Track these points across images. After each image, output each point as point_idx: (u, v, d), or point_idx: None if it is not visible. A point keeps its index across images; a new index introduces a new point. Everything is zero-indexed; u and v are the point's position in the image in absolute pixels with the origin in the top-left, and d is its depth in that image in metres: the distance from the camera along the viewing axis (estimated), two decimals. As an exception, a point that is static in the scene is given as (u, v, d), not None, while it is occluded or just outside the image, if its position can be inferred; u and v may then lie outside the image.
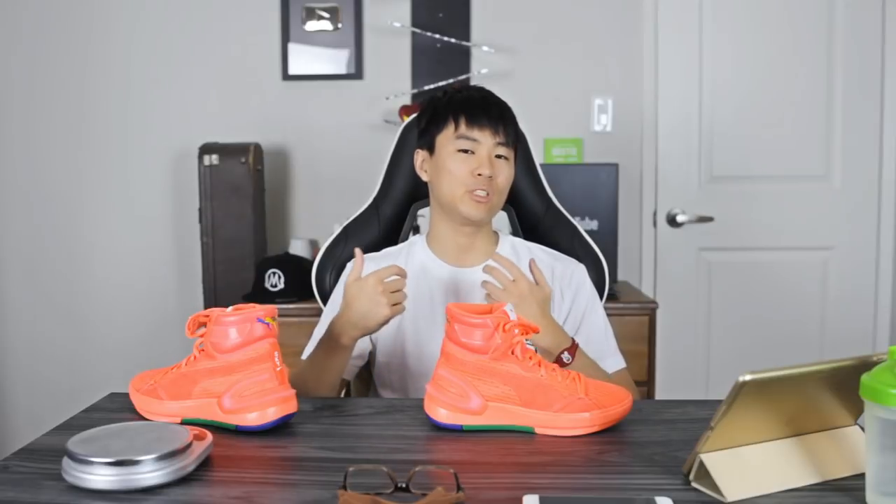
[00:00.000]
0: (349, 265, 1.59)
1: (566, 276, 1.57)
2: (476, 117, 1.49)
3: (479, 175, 1.47)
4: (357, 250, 1.44)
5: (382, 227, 1.72)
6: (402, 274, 1.38)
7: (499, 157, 1.50)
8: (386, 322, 1.36)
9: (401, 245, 1.65)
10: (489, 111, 1.50)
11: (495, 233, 1.61)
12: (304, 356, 1.55)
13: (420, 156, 1.58)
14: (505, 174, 1.51)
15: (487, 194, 1.48)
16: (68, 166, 3.07)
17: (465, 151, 1.49)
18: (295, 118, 3.02)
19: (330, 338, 1.41)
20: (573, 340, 1.43)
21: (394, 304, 1.35)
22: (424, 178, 1.58)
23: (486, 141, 1.49)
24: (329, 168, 3.03)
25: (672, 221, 3.02)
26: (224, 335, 1.13)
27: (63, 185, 3.07)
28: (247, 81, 3.02)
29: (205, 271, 2.75)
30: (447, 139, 1.51)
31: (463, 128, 1.49)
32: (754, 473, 0.91)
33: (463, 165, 1.49)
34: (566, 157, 2.94)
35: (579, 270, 1.59)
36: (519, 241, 1.63)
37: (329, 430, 1.16)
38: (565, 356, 1.40)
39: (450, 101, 1.54)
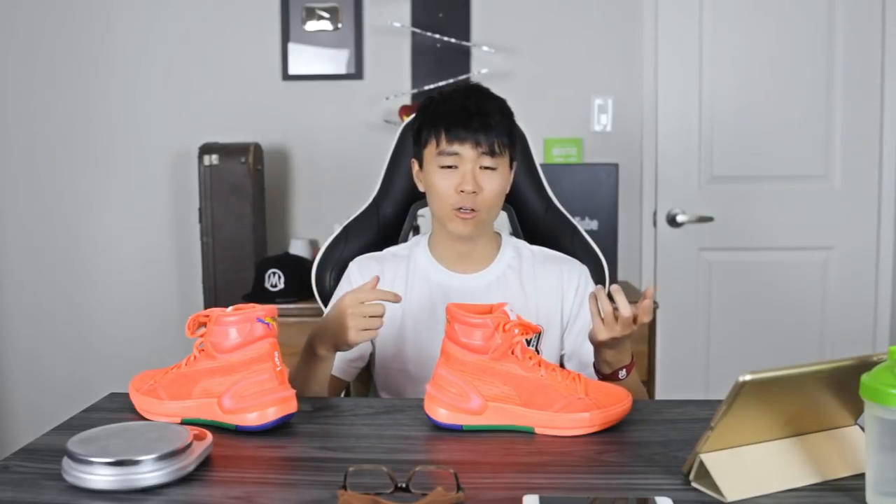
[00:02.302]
0: (352, 264, 1.59)
1: (572, 278, 1.56)
2: (455, 131, 1.44)
3: (462, 192, 1.44)
4: (376, 277, 1.36)
5: (382, 227, 1.72)
6: (395, 299, 1.31)
7: (485, 168, 1.46)
8: (354, 345, 1.32)
9: (404, 245, 1.64)
10: (469, 123, 1.44)
11: (498, 234, 1.61)
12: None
13: (415, 167, 1.56)
14: (492, 186, 1.47)
15: (473, 210, 1.46)
16: (68, 166, 3.06)
17: (449, 167, 1.46)
18: (295, 118, 3.02)
19: (308, 345, 1.39)
20: (632, 358, 1.42)
21: (364, 330, 1.29)
22: (421, 188, 1.56)
23: (467, 154, 1.45)
24: (329, 168, 3.03)
25: (672, 221, 3.02)
26: (224, 335, 1.13)
27: (63, 185, 3.07)
28: (247, 81, 3.02)
29: (205, 271, 2.75)
30: (431, 155, 1.48)
31: (444, 143, 1.45)
32: (754, 473, 0.91)
33: (446, 182, 1.46)
34: (566, 157, 2.94)
35: (584, 272, 1.59)
36: (522, 244, 1.62)
37: (329, 430, 1.16)
38: (621, 373, 1.40)
39: (434, 111, 1.49)
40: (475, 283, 1.53)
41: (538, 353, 1.41)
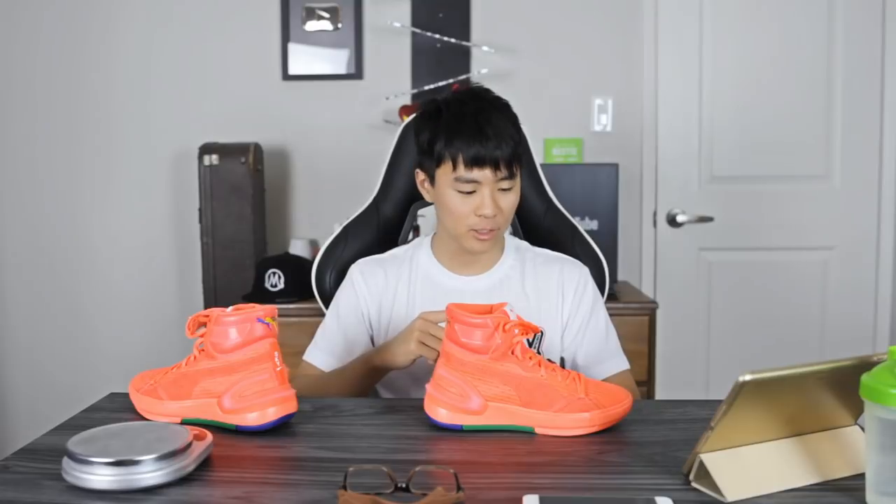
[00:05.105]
0: (353, 267, 1.58)
1: (571, 278, 1.56)
2: (474, 157, 1.40)
3: (482, 215, 1.43)
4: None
5: (382, 227, 1.72)
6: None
7: (502, 189, 1.44)
8: (411, 361, 1.37)
9: (405, 247, 1.63)
10: (486, 144, 1.40)
11: (501, 237, 1.59)
12: (306, 356, 1.55)
13: (420, 176, 1.53)
14: (509, 204, 1.46)
15: (491, 230, 1.45)
16: (68, 166, 3.07)
17: (466, 192, 1.44)
18: (295, 118, 3.02)
19: (369, 358, 1.45)
20: None
21: (425, 347, 1.34)
22: (428, 198, 1.54)
23: (486, 180, 1.42)
24: (329, 168, 3.03)
25: (672, 221, 3.02)
26: (224, 335, 1.13)
27: (63, 185, 3.07)
28: (247, 81, 3.02)
29: (205, 271, 2.75)
30: (446, 176, 1.45)
31: (461, 169, 1.42)
32: (754, 473, 0.91)
33: (464, 206, 1.44)
34: (566, 157, 2.94)
35: (584, 273, 1.58)
36: (525, 245, 1.61)
37: (329, 430, 1.16)
38: None
39: (447, 128, 1.44)
40: (478, 285, 1.53)
41: (539, 354, 1.41)
